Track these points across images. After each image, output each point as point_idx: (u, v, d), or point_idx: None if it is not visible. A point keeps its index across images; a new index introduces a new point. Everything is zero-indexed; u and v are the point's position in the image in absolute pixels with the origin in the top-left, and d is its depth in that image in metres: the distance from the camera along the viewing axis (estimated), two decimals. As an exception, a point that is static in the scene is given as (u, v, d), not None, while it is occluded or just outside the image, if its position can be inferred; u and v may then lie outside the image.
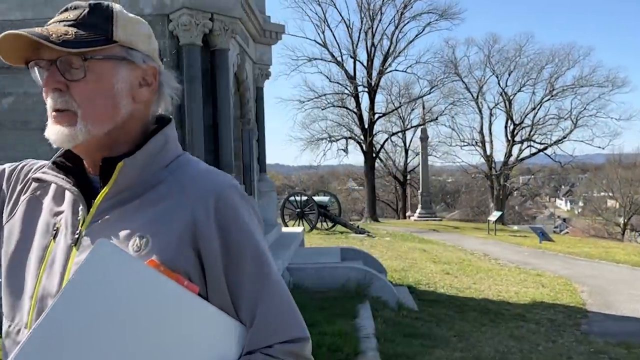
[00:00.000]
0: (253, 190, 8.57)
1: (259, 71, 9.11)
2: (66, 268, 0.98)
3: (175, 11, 5.97)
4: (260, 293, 0.98)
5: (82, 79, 0.96)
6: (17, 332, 1.01)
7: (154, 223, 0.96)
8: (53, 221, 1.04)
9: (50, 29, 0.95)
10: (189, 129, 6.04)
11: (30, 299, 1.00)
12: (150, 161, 1.01)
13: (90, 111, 0.97)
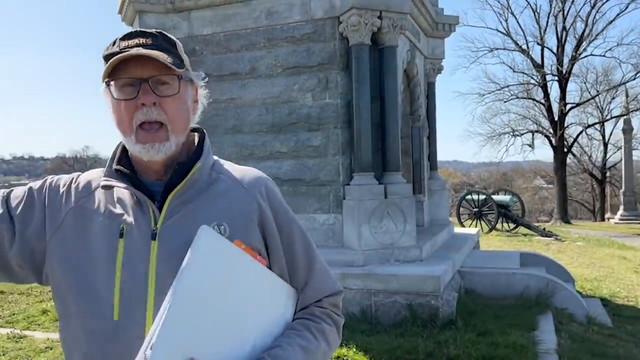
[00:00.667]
0: (423, 189, 8.36)
1: (431, 66, 8.85)
2: (149, 260, 1.11)
3: (344, 12, 6.07)
4: (310, 262, 1.27)
5: (174, 95, 1.14)
6: (101, 323, 1.10)
7: (226, 212, 1.17)
8: (116, 223, 1.15)
9: (155, 53, 1.10)
10: (357, 128, 6.10)
11: (111, 292, 1.10)
12: (208, 164, 1.23)
13: (178, 124, 1.16)
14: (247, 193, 1.21)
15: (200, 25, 6.83)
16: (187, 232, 1.10)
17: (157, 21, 6.91)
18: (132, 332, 1.09)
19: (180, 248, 1.08)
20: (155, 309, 1.07)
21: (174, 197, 1.16)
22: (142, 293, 1.10)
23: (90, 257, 1.13)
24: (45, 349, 5.01)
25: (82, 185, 1.22)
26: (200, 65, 6.81)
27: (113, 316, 1.09)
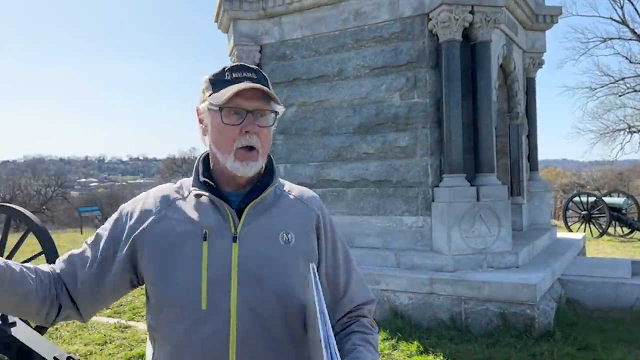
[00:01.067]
0: (522, 191, 7.90)
1: (530, 60, 8.34)
2: (231, 259, 1.31)
3: (434, 9, 5.90)
4: (349, 269, 1.49)
5: (268, 127, 1.36)
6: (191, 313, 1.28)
7: (291, 222, 1.40)
8: (199, 228, 1.33)
9: (266, 88, 1.31)
10: (447, 127, 5.90)
11: (199, 286, 1.28)
12: (279, 185, 1.47)
13: (265, 149, 1.38)
14: (307, 208, 1.45)
15: (290, 30, 6.97)
16: (261, 237, 1.35)
17: (250, 28, 7.16)
18: (218, 320, 1.28)
19: (255, 250, 1.32)
20: (238, 300, 1.28)
21: (251, 207, 1.36)
22: (226, 287, 1.29)
23: (178, 258, 1.31)
24: (146, 339, 5.37)
25: (158, 199, 1.41)
26: (290, 69, 6.95)
27: (201, 306, 1.28)
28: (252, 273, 1.30)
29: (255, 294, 1.30)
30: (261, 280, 1.30)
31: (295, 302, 1.33)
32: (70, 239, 15.39)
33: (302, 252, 1.37)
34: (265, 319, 1.30)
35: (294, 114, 6.95)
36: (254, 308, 1.29)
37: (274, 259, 1.33)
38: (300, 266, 1.35)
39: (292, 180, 5.95)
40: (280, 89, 7.02)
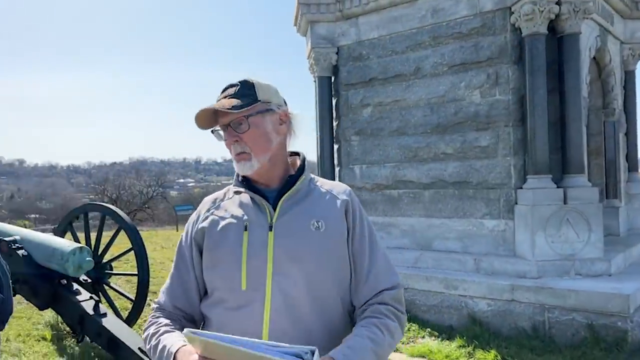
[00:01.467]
0: (619, 193, 7.30)
1: (630, 52, 7.68)
2: (267, 247, 1.48)
3: (516, 2, 5.61)
4: (373, 258, 1.57)
5: (247, 131, 1.51)
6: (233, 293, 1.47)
7: (323, 211, 1.54)
8: (241, 221, 1.53)
9: (224, 103, 1.49)
10: (531, 125, 5.59)
11: (239, 270, 1.47)
12: (308, 178, 1.63)
13: (257, 149, 1.53)
14: (336, 198, 1.59)
15: (367, 30, 6.94)
16: (294, 225, 1.51)
17: (327, 30, 7.22)
18: (256, 299, 1.45)
19: (289, 237, 1.49)
20: (273, 281, 1.45)
21: (285, 200, 1.54)
22: (263, 270, 1.46)
23: (224, 247, 1.52)
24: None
25: (209, 202, 1.66)
26: (366, 69, 6.92)
27: (242, 286, 1.46)
28: (285, 257, 1.46)
29: (289, 275, 1.45)
30: (293, 263, 1.46)
31: (327, 284, 1.49)
32: (166, 236, 16.33)
33: (332, 236, 1.51)
34: (300, 299, 1.45)
35: (370, 114, 6.91)
36: (285, 289, 1.45)
37: (306, 244, 1.48)
38: (331, 250, 1.51)
39: (368, 182, 5.94)
40: (357, 89, 7.01)
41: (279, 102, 1.59)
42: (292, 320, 1.44)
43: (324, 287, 1.48)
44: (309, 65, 7.68)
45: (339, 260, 1.52)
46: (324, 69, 7.32)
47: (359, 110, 7.04)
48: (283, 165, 1.61)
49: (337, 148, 7.46)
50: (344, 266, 1.54)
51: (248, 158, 1.52)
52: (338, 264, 1.52)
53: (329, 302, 1.49)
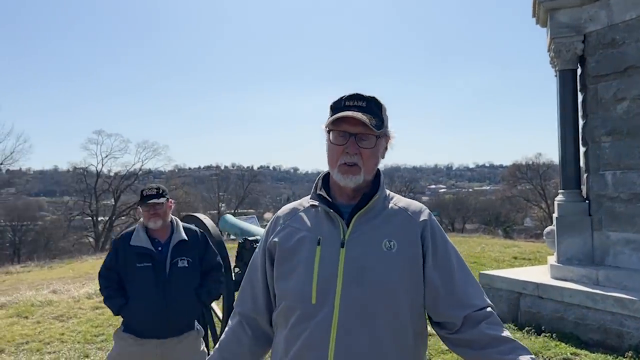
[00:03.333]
0: None
1: None
2: (338, 261, 1.49)
3: None
4: (464, 273, 1.57)
5: (370, 149, 1.54)
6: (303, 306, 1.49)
7: (395, 231, 1.54)
8: (314, 235, 1.55)
9: (362, 117, 1.50)
10: None
11: (310, 284, 1.49)
12: (383, 195, 1.62)
13: (369, 167, 1.56)
14: (411, 219, 1.58)
15: (621, 11, 5.84)
16: (366, 243, 1.52)
17: (570, 16, 6.33)
18: (324, 313, 1.46)
19: (360, 254, 1.50)
20: (341, 297, 1.46)
21: (358, 217, 1.55)
22: (333, 285, 1.47)
23: (296, 259, 1.54)
24: (445, 351, 5.29)
25: (286, 213, 1.69)
26: (620, 56, 5.82)
27: (312, 300, 1.48)
28: (355, 275, 1.47)
29: (358, 293, 1.45)
30: (363, 282, 1.46)
31: (396, 303, 1.48)
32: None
33: (404, 258, 1.50)
34: (366, 317, 1.45)
35: (626, 109, 5.78)
36: (356, 306, 1.45)
37: (376, 263, 1.48)
38: (402, 272, 1.49)
39: (623, 191, 5.03)
40: (609, 81, 5.95)
41: (390, 126, 1.64)
42: (362, 338, 1.44)
43: (394, 309, 1.48)
44: (549, 58, 6.83)
45: (411, 283, 1.51)
46: (567, 61, 6.42)
47: (611, 105, 5.95)
48: (370, 183, 1.62)
49: (584, 151, 6.45)
50: (417, 289, 1.52)
51: (358, 172, 1.54)
52: (409, 285, 1.50)
53: (400, 326, 1.49)
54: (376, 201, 1.57)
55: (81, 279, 10.85)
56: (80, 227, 43.64)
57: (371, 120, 1.51)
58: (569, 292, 5.68)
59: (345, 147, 1.53)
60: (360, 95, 1.57)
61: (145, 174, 44.92)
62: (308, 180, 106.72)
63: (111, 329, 6.46)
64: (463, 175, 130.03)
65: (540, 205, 44.46)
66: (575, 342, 5.36)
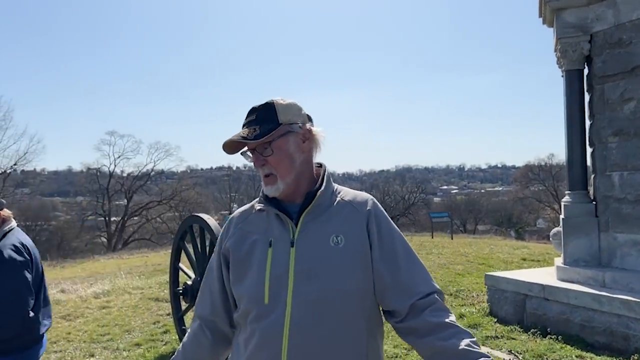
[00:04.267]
0: None
1: None
2: (289, 261, 1.53)
3: None
4: (412, 265, 1.59)
5: (272, 155, 1.58)
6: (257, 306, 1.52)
7: (342, 225, 1.58)
8: (266, 237, 1.59)
9: (246, 132, 1.56)
10: None
11: (263, 284, 1.52)
12: (329, 191, 1.65)
13: (282, 171, 1.59)
14: (356, 210, 1.62)
15: (628, 10, 5.77)
16: (314, 241, 1.55)
17: (576, 16, 6.26)
18: (277, 312, 1.49)
19: (309, 252, 1.53)
20: (293, 295, 1.49)
21: (305, 216, 1.59)
22: (285, 284, 1.51)
23: (250, 262, 1.58)
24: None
25: (239, 216, 1.72)
26: (628, 56, 5.76)
27: (264, 300, 1.51)
28: (304, 272, 1.51)
29: (308, 290, 1.49)
30: (313, 278, 1.50)
31: (347, 296, 1.51)
32: (419, 242, 16.51)
33: (351, 252, 1.54)
34: (318, 313, 1.48)
35: (633, 110, 5.71)
36: (307, 302, 1.48)
37: (324, 259, 1.52)
38: (350, 265, 1.52)
39: (630, 192, 4.99)
40: (616, 81, 5.89)
41: (302, 120, 1.63)
42: (315, 334, 1.47)
43: (345, 302, 1.51)
44: (556, 58, 6.78)
45: (360, 275, 1.54)
46: (573, 61, 6.36)
47: (618, 105, 5.89)
48: (308, 180, 1.64)
49: (591, 152, 6.39)
50: (367, 280, 1.55)
51: (274, 181, 1.59)
52: (359, 278, 1.53)
53: (351, 318, 1.52)
54: (321, 197, 1.60)
55: (90, 279, 10.96)
56: (93, 227, 44.08)
57: (253, 132, 1.55)
58: (575, 294, 5.63)
59: (255, 163, 1.60)
60: (253, 108, 1.61)
61: (157, 175, 45.29)
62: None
63: (117, 329, 6.53)
64: (475, 176, 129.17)
65: (552, 207, 44.07)
66: (581, 345, 5.31)
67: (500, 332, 5.85)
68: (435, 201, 61.85)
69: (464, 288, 8.38)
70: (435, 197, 70.12)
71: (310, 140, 1.65)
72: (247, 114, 1.63)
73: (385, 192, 48.71)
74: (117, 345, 5.88)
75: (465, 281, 9.00)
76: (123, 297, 8.45)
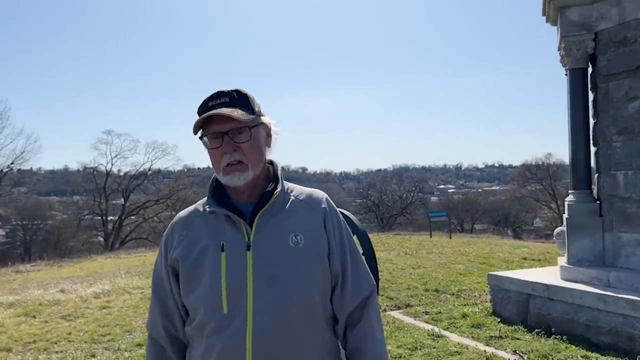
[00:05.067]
0: None
1: None
2: (246, 266, 1.43)
3: None
4: (355, 262, 1.58)
5: (248, 141, 1.48)
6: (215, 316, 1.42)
7: (300, 224, 1.51)
8: (217, 241, 1.47)
9: (227, 111, 1.43)
10: None
11: (219, 293, 1.42)
12: (284, 190, 1.57)
13: (254, 160, 1.50)
14: (313, 209, 1.56)
15: (633, 9, 5.75)
16: (272, 242, 1.46)
17: (580, 14, 6.23)
18: (237, 322, 1.40)
19: (268, 255, 1.44)
20: (254, 303, 1.40)
21: (260, 216, 1.48)
22: (244, 291, 1.42)
23: (201, 270, 1.46)
24: (454, 353, 5.24)
25: (182, 222, 1.58)
26: (633, 55, 5.73)
27: (223, 310, 1.42)
28: (265, 277, 1.42)
29: (270, 296, 1.41)
30: (275, 283, 1.41)
31: (309, 298, 1.45)
32: (418, 242, 16.49)
33: (312, 251, 1.48)
34: (282, 319, 1.41)
35: (638, 109, 5.68)
36: (270, 309, 1.40)
37: (286, 261, 1.44)
38: (312, 265, 1.47)
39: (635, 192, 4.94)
40: (620, 80, 5.86)
41: (264, 114, 1.57)
42: (280, 341, 1.41)
43: (308, 304, 1.45)
44: (560, 57, 6.75)
45: (321, 274, 1.49)
46: (578, 60, 6.32)
47: (623, 104, 5.86)
48: (263, 180, 1.56)
49: (595, 151, 6.36)
50: (326, 279, 1.51)
51: (244, 169, 1.47)
52: (320, 278, 1.49)
53: (315, 319, 1.47)
54: (277, 196, 1.52)
55: (89, 279, 10.89)
56: (90, 226, 43.89)
57: (236, 112, 1.44)
58: (579, 294, 5.60)
59: (222, 148, 1.46)
60: (222, 91, 1.50)
61: (154, 174, 45.12)
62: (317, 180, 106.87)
63: (118, 329, 6.47)
64: (472, 176, 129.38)
65: (550, 206, 44.15)
66: (586, 345, 5.28)
67: (504, 332, 5.82)
68: (433, 200, 61.83)
69: (466, 288, 8.36)
70: (432, 197, 70.11)
71: (270, 136, 1.59)
72: (211, 97, 1.50)
73: (382, 191, 48.68)
74: (119, 345, 5.82)
75: (467, 281, 8.97)
76: (123, 297, 8.39)
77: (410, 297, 7.81)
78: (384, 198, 47.27)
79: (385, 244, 14.69)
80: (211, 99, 1.50)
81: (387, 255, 11.82)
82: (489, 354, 5.12)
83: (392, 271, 9.73)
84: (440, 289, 8.29)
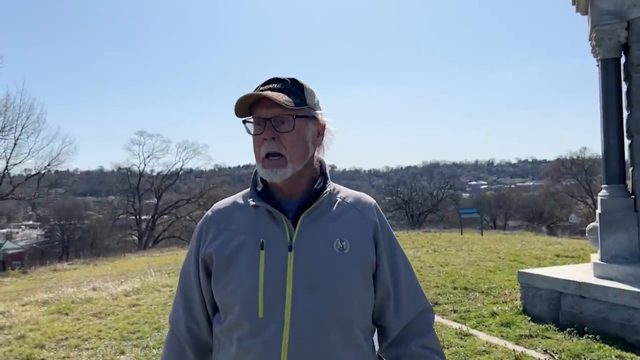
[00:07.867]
0: None
1: None
2: (286, 267, 1.34)
3: None
4: (410, 277, 1.51)
5: (290, 132, 1.37)
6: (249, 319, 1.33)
7: (346, 229, 1.41)
8: (256, 237, 1.37)
9: (273, 95, 1.33)
10: None
11: (256, 294, 1.33)
12: (331, 191, 1.48)
13: (295, 154, 1.38)
14: (362, 214, 1.47)
15: (668, -6, 5.51)
16: (316, 245, 1.37)
17: (612, 2, 6.01)
18: (273, 327, 1.31)
19: (311, 258, 1.35)
20: (292, 308, 1.31)
21: (306, 215, 1.39)
22: (282, 295, 1.32)
23: (237, 267, 1.37)
24: (482, 352, 5.13)
25: (219, 213, 1.49)
26: None
27: (259, 314, 1.32)
28: (306, 282, 1.33)
29: (310, 303, 1.32)
30: (316, 289, 1.33)
31: (351, 309, 1.36)
32: (448, 239, 16.27)
33: (357, 260, 1.38)
34: (320, 326, 1.32)
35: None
36: (308, 316, 1.31)
37: (329, 267, 1.35)
38: (356, 274, 1.37)
39: None
40: (655, 70, 5.62)
41: (320, 111, 1.47)
42: (316, 353, 1.31)
43: (349, 314, 1.36)
44: (590, 47, 6.52)
45: (363, 284, 1.40)
46: (610, 50, 6.10)
47: (658, 95, 5.63)
48: (309, 178, 1.46)
49: (629, 143, 6.13)
50: (368, 291, 1.42)
51: (283, 164, 1.37)
52: (362, 287, 1.40)
53: (353, 333, 1.38)
54: (326, 197, 1.43)
55: (121, 277, 11.12)
56: (125, 225, 44.91)
57: (282, 96, 1.34)
58: (613, 292, 5.41)
59: (263, 135, 1.37)
60: (277, 78, 1.41)
61: (186, 173, 45.89)
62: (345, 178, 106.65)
63: (147, 327, 6.57)
64: (505, 171, 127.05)
65: (585, 201, 43.00)
66: (621, 345, 5.09)
67: (535, 331, 5.67)
68: (464, 197, 61.00)
69: (496, 285, 8.18)
70: (463, 193, 69.19)
71: (323, 136, 1.49)
72: (265, 82, 1.41)
73: (412, 188, 48.25)
74: (147, 342, 5.91)
75: (497, 278, 8.79)
76: (153, 295, 8.52)
77: (438, 295, 7.69)
78: (414, 195, 46.83)
79: (414, 241, 14.55)
80: (264, 84, 1.41)
81: (415, 252, 11.70)
82: (518, 353, 4.99)
83: (419, 269, 9.61)
84: (469, 286, 8.13)
